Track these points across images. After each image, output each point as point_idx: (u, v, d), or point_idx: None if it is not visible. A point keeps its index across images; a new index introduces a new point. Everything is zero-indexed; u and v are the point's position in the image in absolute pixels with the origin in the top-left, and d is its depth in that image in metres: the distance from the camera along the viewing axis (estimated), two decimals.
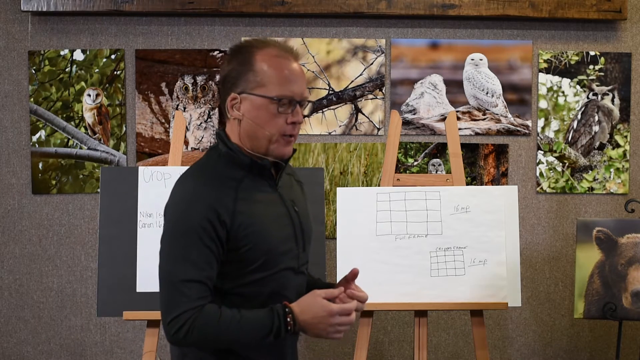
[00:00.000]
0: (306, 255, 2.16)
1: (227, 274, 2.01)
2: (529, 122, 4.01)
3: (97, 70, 3.94)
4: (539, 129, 4.02)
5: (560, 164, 4.03)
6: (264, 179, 2.07)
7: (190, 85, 3.95)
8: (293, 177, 2.23)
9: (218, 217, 1.95)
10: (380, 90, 3.99)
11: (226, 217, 1.96)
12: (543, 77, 4.02)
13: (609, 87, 4.02)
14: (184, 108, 3.95)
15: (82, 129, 3.95)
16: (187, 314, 1.93)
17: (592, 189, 4.03)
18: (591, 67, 4.02)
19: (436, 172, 4.00)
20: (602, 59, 4.02)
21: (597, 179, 4.03)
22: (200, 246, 1.95)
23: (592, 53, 4.02)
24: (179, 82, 3.95)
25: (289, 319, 1.95)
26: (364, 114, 3.99)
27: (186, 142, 3.95)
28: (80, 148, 3.96)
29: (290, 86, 2.01)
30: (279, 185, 2.10)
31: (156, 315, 2.91)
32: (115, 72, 3.95)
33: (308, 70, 3.95)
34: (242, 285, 2.01)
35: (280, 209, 2.08)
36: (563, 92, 4.03)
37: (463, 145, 3.90)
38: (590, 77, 4.02)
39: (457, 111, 3.98)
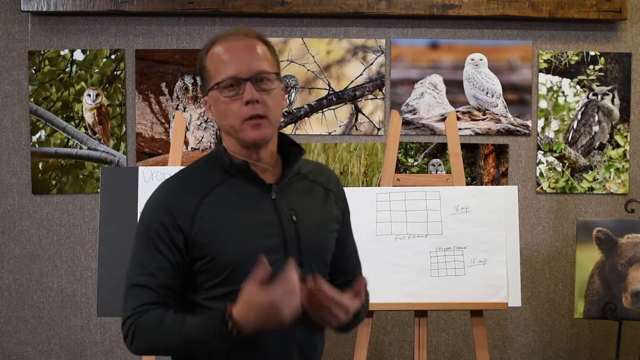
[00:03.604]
0: (308, 270, 1.89)
1: (198, 285, 1.87)
2: (529, 122, 4.01)
3: (97, 70, 3.94)
4: (539, 129, 4.02)
5: (560, 164, 4.03)
6: (254, 183, 1.90)
7: (190, 85, 3.95)
8: (320, 185, 2.02)
9: (174, 221, 1.84)
10: (380, 90, 3.99)
11: (183, 222, 1.84)
12: (543, 77, 4.02)
13: (609, 87, 4.02)
14: (184, 108, 3.95)
15: (82, 129, 3.95)
16: (130, 320, 1.84)
17: (592, 189, 4.03)
18: (591, 67, 4.02)
19: (436, 172, 4.00)
20: (602, 59, 4.02)
21: (597, 179, 4.03)
22: (153, 251, 1.84)
23: (592, 53, 4.02)
24: (179, 82, 3.95)
25: (229, 326, 1.74)
26: (364, 114, 3.99)
27: (186, 142, 3.95)
28: (80, 148, 3.96)
29: (231, 65, 1.84)
30: (274, 191, 1.91)
31: None
32: (115, 72, 3.95)
33: (308, 70, 3.95)
34: (214, 298, 1.85)
35: (267, 216, 1.88)
36: (563, 92, 4.03)
37: (463, 145, 3.90)
38: (590, 77, 4.02)
39: (457, 111, 3.98)
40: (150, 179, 3.03)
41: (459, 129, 3.84)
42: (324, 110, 3.99)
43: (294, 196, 1.95)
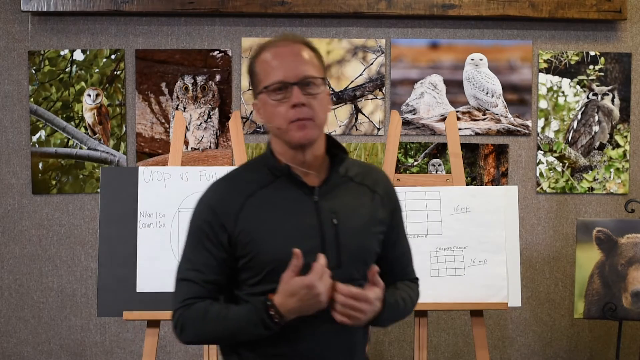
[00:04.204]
0: (347, 272, 1.95)
1: (242, 282, 1.98)
2: (529, 122, 4.02)
3: (97, 70, 3.94)
4: (539, 129, 4.03)
5: (560, 164, 4.03)
6: (298, 186, 1.97)
7: (190, 85, 3.95)
8: (367, 187, 2.06)
9: (218, 220, 1.94)
10: (380, 90, 3.99)
11: (227, 222, 1.94)
12: (543, 77, 4.02)
13: (609, 87, 4.02)
14: (184, 108, 3.95)
15: (82, 129, 3.96)
16: (178, 312, 1.97)
17: (592, 189, 4.03)
18: (591, 67, 4.02)
19: (436, 172, 4.00)
20: (602, 59, 4.02)
21: (597, 179, 4.03)
22: (200, 248, 1.96)
23: (592, 53, 4.02)
24: (179, 82, 3.95)
25: (271, 312, 1.87)
26: (364, 114, 3.99)
27: (186, 142, 3.95)
28: (80, 148, 3.96)
29: (279, 70, 1.92)
30: (316, 194, 1.98)
31: (156, 315, 2.91)
32: (115, 72, 3.95)
33: None
34: (255, 294, 1.95)
35: (308, 219, 1.95)
36: (563, 92, 4.03)
37: (463, 145, 3.90)
38: (590, 77, 4.02)
39: (457, 111, 3.98)
40: (150, 179, 3.03)
41: (459, 129, 3.84)
42: None
43: (338, 199, 2.00)
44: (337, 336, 1.98)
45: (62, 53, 3.93)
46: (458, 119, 3.94)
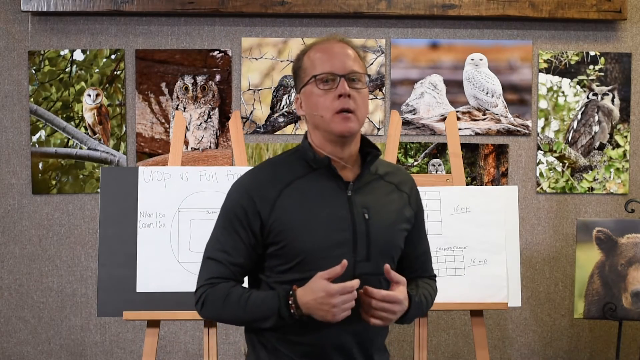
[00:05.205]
0: (375, 265, 2.04)
1: (270, 268, 2.05)
2: (529, 122, 4.02)
3: (97, 70, 3.94)
4: (539, 129, 4.03)
5: (560, 164, 4.03)
6: (333, 180, 2.05)
7: (190, 85, 3.95)
8: (395, 186, 2.16)
9: (253, 206, 2.01)
10: (380, 90, 3.99)
11: (262, 209, 2.01)
12: (543, 77, 4.02)
13: (609, 87, 4.02)
14: (184, 108, 3.95)
15: (82, 129, 3.96)
16: (202, 289, 2.05)
17: (592, 189, 4.03)
18: (591, 67, 4.02)
19: (436, 172, 4.00)
20: (602, 59, 4.02)
21: (597, 179, 4.03)
22: (230, 231, 2.03)
23: (592, 53, 4.02)
24: (179, 82, 3.95)
25: (290, 301, 1.95)
26: None
27: (186, 142, 3.95)
28: (80, 148, 3.96)
29: (328, 63, 2.03)
30: (350, 189, 2.06)
31: (156, 315, 2.91)
32: (115, 72, 3.95)
33: None
34: (282, 282, 2.03)
35: (341, 212, 2.03)
36: (563, 92, 4.03)
37: (463, 145, 3.90)
38: (590, 77, 4.02)
39: (457, 111, 3.98)
40: (150, 179, 3.03)
41: (459, 129, 3.84)
42: None
43: (369, 195, 2.09)
44: (357, 330, 2.04)
45: (62, 53, 3.93)
46: (458, 119, 3.94)
